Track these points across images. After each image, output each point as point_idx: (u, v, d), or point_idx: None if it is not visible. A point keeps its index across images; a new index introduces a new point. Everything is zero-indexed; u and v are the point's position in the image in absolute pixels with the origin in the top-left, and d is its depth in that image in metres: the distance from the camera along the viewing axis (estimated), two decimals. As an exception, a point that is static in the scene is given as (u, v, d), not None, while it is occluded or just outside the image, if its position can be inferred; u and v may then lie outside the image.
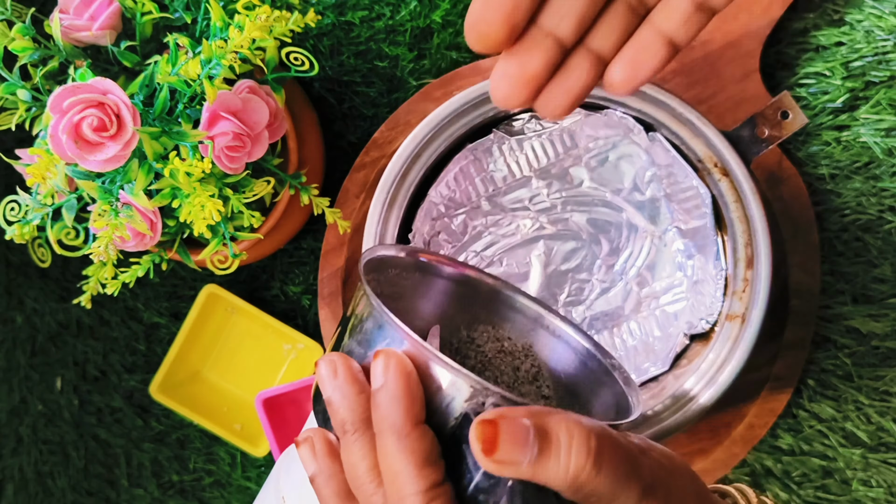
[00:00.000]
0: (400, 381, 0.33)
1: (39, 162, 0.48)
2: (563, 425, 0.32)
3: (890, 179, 0.63)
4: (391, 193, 0.57)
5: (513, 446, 0.31)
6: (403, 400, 0.33)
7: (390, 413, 0.33)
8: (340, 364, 0.36)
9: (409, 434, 0.33)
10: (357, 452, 0.35)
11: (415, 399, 0.33)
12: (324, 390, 0.36)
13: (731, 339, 0.55)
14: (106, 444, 0.70)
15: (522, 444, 0.31)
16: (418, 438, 0.33)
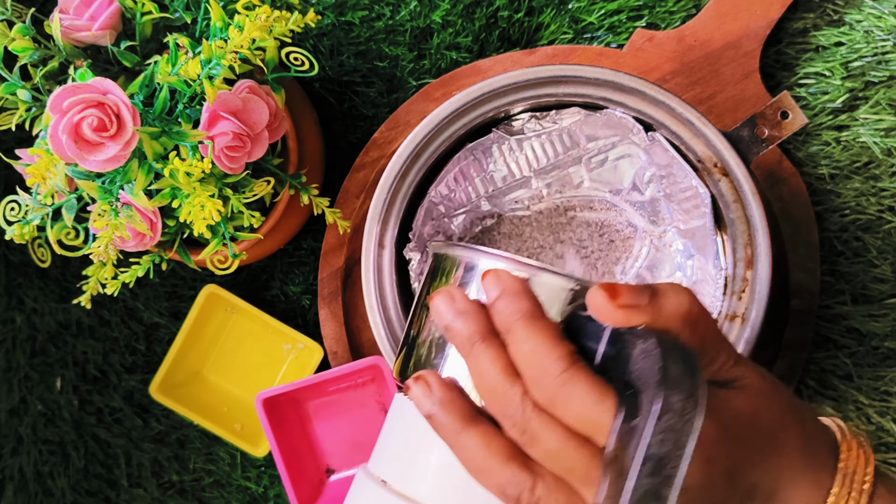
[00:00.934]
0: (517, 283, 0.36)
1: (39, 162, 0.48)
2: (664, 284, 0.35)
3: (889, 179, 0.63)
4: (391, 193, 0.57)
5: (630, 291, 0.34)
6: (524, 295, 0.36)
7: (518, 306, 0.35)
8: (455, 291, 0.37)
9: (540, 318, 0.35)
10: (487, 358, 0.36)
11: (534, 296, 0.36)
12: (443, 318, 0.37)
13: (730, 339, 0.55)
14: (106, 444, 0.70)
15: (638, 291, 0.34)
16: (547, 322, 0.35)
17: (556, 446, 0.34)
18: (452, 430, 0.36)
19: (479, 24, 0.65)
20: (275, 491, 0.68)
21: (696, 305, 0.35)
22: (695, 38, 0.62)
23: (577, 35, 0.65)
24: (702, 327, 0.35)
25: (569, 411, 0.33)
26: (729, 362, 0.36)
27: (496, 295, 0.36)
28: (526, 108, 0.59)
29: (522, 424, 0.34)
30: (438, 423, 0.37)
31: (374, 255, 0.57)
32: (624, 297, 0.34)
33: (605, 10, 0.64)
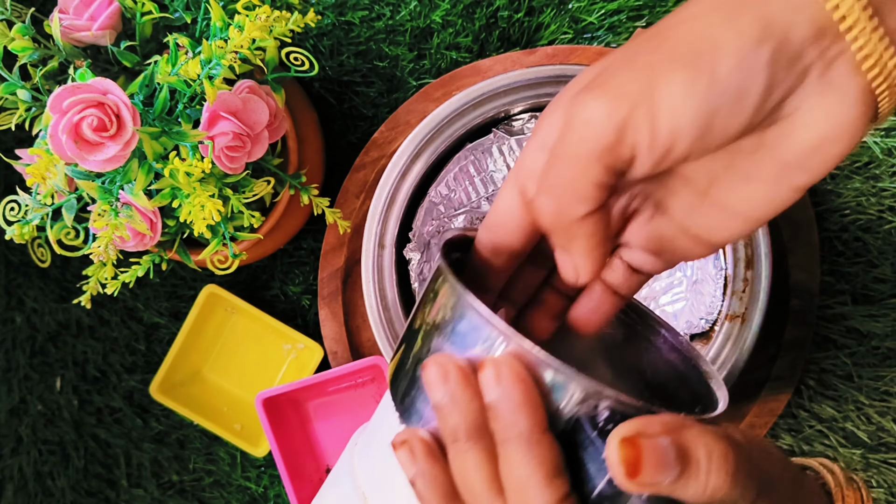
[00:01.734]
0: (519, 388, 0.32)
1: (39, 162, 0.48)
2: (701, 443, 0.31)
3: (890, 179, 0.63)
4: (391, 193, 0.57)
5: (656, 469, 0.30)
6: (527, 407, 0.32)
7: (516, 421, 0.32)
8: (452, 368, 0.33)
9: (538, 442, 0.32)
10: (472, 461, 0.33)
11: (538, 406, 0.32)
12: (433, 395, 0.34)
13: (730, 339, 0.55)
14: (106, 444, 0.70)
15: (665, 466, 0.30)
16: (547, 447, 0.32)
17: None
18: (429, 501, 0.35)
19: (479, 24, 0.65)
20: (275, 491, 0.68)
21: (725, 488, 0.31)
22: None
23: (577, 35, 0.65)
24: (720, 499, 0.31)
25: None
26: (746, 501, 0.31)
27: (495, 395, 0.32)
28: (526, 108, 0.59)
29: None
30: (419, 491, 0.35)
31: (374, 255, 0.57)
32: (644, 475, 0.30)
33: (605, 10, 0.64)
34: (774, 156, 0.32)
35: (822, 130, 0.31)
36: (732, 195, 0.33)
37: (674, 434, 0.30)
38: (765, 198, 0.33)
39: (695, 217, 0.35)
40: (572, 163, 0.31)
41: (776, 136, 0.31)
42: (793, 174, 0.32)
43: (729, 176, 0.33)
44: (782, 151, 0.31)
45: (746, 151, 0.32)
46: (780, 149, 0.31)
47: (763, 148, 0.32)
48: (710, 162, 0.33)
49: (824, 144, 0.31)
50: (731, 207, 0.34)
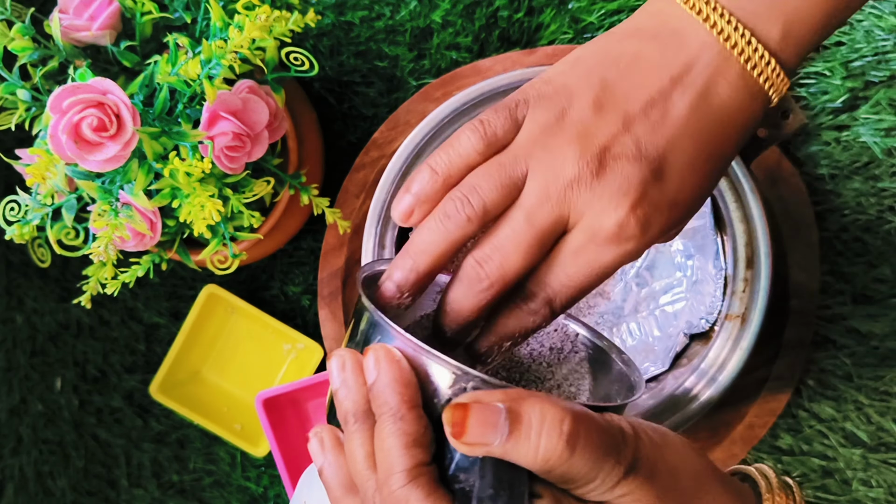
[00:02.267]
0: (392, 369, 0.34)
1: (39, 162, 0.48)
2: (536, 407, 0.32)
3: (889, 179, 0.63)
4: (391, 193, 0.57)
5: (482, 428, 0.32)
6: (397, 385, 0.34)
7: (387, 398, 0.34)
8: (348, 358, 0.36)
9: (403, 416, 0.34)
10: (356, 441, 0.36)
11: (408, 384, 0.34)
12: (332, 383, 0.37)
13: (730, 339, 0.55)
14: (106, 444, 0.70)
15: (492, 426, 0.32)
16: (412, 421, 0.34)
17: None
18: (335, 496, 0.37)
19: (479, 24, 0.65)
20: (275, 491, 0.68)
21: (558, 451, 0.32)
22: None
23: (577, 35, 0.65)
24: (561, 470, 0.32)
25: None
26: (606, 485, 0.33)
27: (373, 377, 0.35)
28: (526, 108, 0.59)
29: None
30: (325, 482, 0.38)
31: (374, 255, 0.57)
32: (470, 434, 0.32)
33: (605, 10, 0.64)
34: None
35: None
36: None
37: (510, 401, 0.32)
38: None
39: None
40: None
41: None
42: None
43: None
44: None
45: None
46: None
47: None
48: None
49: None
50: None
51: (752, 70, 0.37)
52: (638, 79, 0.38)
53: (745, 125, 0.38)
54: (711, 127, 0.38)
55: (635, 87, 0.38)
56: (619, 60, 0.38)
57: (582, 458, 0.32)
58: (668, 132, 0.37)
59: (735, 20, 0.37)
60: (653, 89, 0.38)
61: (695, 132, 0.37)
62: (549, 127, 0.38)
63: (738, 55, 0.37)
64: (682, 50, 0.38)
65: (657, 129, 0.37)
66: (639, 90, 0.38)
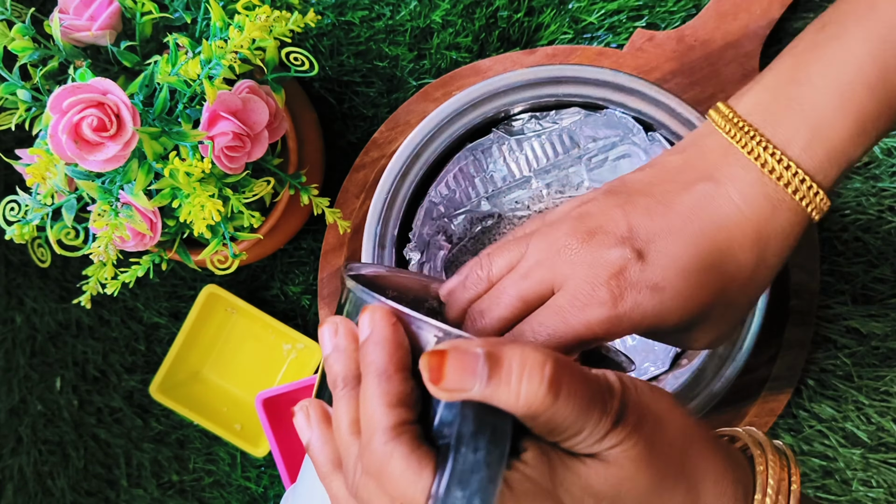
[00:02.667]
0: (386, 328, 0.34)
1: (39, 162, 0.48)
2: (517, 351, 0.31)
3: (890, 179, 0.63)
4: (391, 193, 0.57)
5: (460, 373, 0.31)
6: (388, 344, 0.34)
7: (375, 357, 0.34)
8: (342, 323, 0.36)
9: (390, 377, 0.33)
10: (344, 406, 0.35)
11: (399, 345, 0.34)
12: (323, 349, 0.36)
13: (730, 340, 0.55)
14: (106, 444, 0.70)
15: (470, 370, 0.31)
16: (399, 382, 0.33)
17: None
18: (322, 471, 0.36)
19: (479, 24, 0.65)
20: (275, 491, 0.68)
21: (540, 396, 0.31)
22: (695, 38, 0.62)
23: (577, 35, 0.65)
24: (545, 417, 0.31)
25: (388, 486, 0.32)
26: (594, 436, 0.32)
27: (365, 336, 0.35)
28: (526, 108, 0.59)
29: (353, 489, 0.34)
30: (313, 458, 0.37)
31: (374, 255, 0.57)
32: (448, 379, 0.31)
33: (605, 10, 0.64)
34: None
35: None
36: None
37: (490, 346, 0.32)
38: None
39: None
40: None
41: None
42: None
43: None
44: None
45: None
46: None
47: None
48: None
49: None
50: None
51: (779, 181, 0.39)
52: (652, 177, 0.41)
53: (768, 236, 0.40)
54: (712, 229, 0.39)
55: (646, 183, 0.41)
56: (646, 168, 0.42)
57: (567, 406, 0.31)
58: (663, 219, 0.39)
59: (766, 141, 0.39)
60: (662, 185, 0.40)
61: (692, 227, 0.39)
62: (558, 219, 0.42)
63: (768, 173, 0.39)
64: (703, 159, 0.40)
65: (653, 215, 0.39)
66: (648, 185, 0.41)
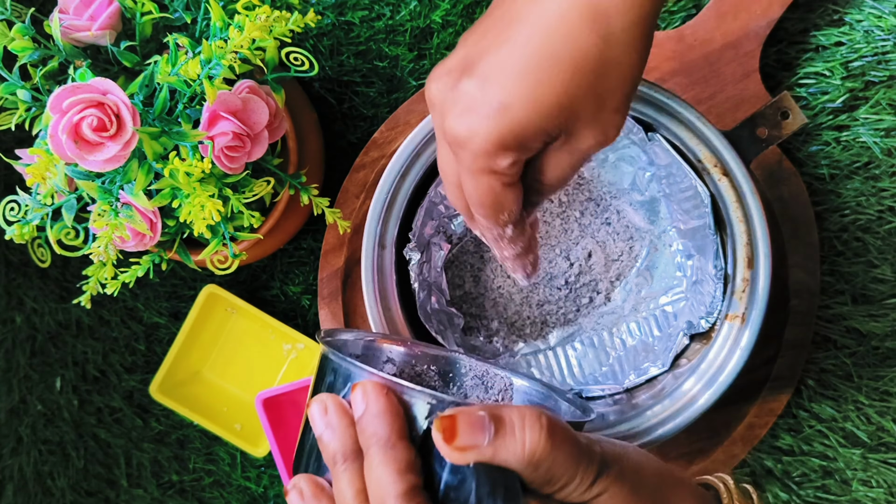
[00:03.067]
0: (381, 400, 0.36)
1: (39, 162, 0.48)
2: (514, 411, 0.35)
3: (889, 179, 0.63)
4: (391, 193, 0.57)
5: (470, 430, 0.34)
6: (386, 416, 0.36)
7: (376, 429, 0.35)
8: (330, 401, 0.38)
9: (394, 445, 0.35)
10: (346, 480, 0.36)
11: (398, 414, 0.36)
12: (315, 429, 0.38)
13: (730, 339, 0.55)
14: (106, 444, 0.70)
15: (479, 428, 0.34)
16: (403, 449, 0.35)
17: None
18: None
19: (479, 24, 0.65)
20: (275, 491, 0.68)
21: (542, 443, 0.34)
22: (695, 38, 0.62)
23: (577, 35, 0.65)
24: (546, 464, 0.35)
25: None
26: (584, 484, 0.36)
27: (360, 412, 0.36)
28: (526, 108, 0.58)
29: None
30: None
31: (374, 255, 0.57)
32: (461, 438, 0.34)
33: (605, 10, 0.64)
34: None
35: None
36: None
37: (489, 409, 0.35)
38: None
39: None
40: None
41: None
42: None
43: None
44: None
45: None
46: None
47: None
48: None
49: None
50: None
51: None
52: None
53: (606, 12, 0.38)
54: (537, 23, 0.38)
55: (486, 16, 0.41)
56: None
57: (562, 453, 0.35)
58: (493, 34, 0.39)
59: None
60: (498, 9, 0.40)
61: (520, 29, 0.38)
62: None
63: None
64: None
65: (486, 34, 0.39)
66: (487, 15, 0.41)
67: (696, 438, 0.62)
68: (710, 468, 0.62)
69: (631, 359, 0.60)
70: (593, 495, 0.36)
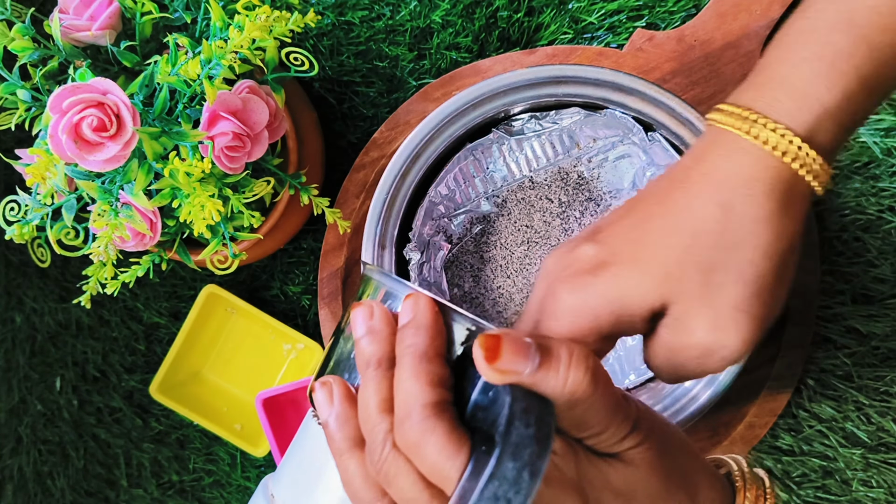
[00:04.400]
0: (429, 314, 0.35)
1: (39, 162, 0.48)
2: (563, 345, 0.34)
3: (889, 179, 0.63)
4: (391, 193, 0.57)
5: (515, 355, 0.32)
6: (430, 330, 0.35)
7: (416, 340, 0.34)
8: (377, 307, 0.37)
9: (430, 359, 0.34)
10: (373, 386, 0.35)
11: (440, 332, 0.35)
12: (356, 331, 0.36)
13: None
14: (106, 444, 0.70)
15: (524, 354, 0.32)
16: (438, 365, 0.34)
17: (409, 494, 0.33)
18: (339, 447, 0.36)
19: (479, 24, 0.65)
20: (275, 491, 0.68)
21: (584, 385, 0.33)
22: (695, 38, 0.62)
23: (577, 35, 0.65)
24: (584, 407, 0.33)
25: (423, 461, 0.33)
26: (617, 436, 0.35)
27: (406, 321, 0.35)
28: (526, 108, 0.59)
29: (379, 464, 0.34)
30: (330, 434, 0.37)
31: (375, 255, 0.57)
32: (503, 361, 0.32)
33: (605, 10, 0.64)
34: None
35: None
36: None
37: (538, 338, 0.34)
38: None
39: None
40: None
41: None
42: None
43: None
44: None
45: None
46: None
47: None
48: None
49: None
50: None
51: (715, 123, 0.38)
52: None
53: (727, 182, 0.37)
54: (657, 191, 0.39)
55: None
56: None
57: (602, 399, 0.33)
58: (625, 210, 0.40)
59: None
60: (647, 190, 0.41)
61: (644, 202, 0.39)
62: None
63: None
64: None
65: (620, 212, 0.40)
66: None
67: (696, 438, 0.62)
68: (710, 468, 0.62)
69: (631, 359, 0.60)
70: (623, 448, 0.35)
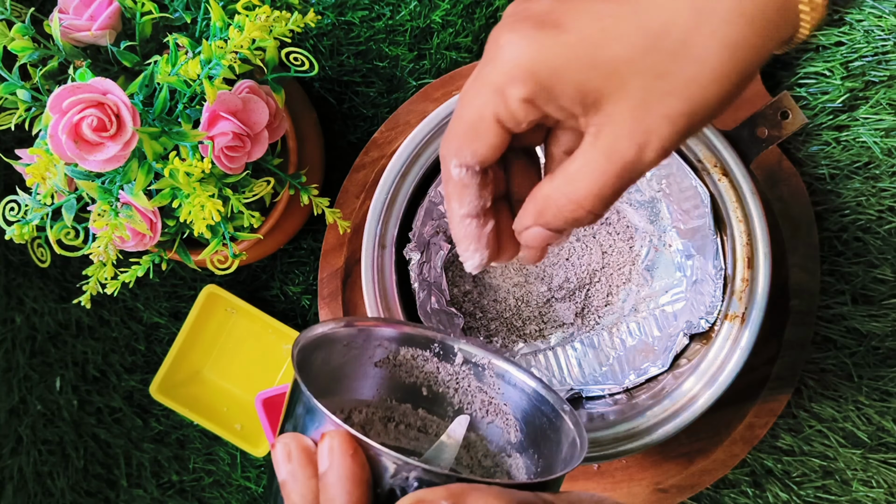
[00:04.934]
0: (346, 462, 0.35)
1: (39, 162, 0.48)
2: (480, 501, 0.33)
3: (889, 179, 0.63)
4: (391, 193, 0.57)
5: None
6: (350, 482, 0.34)
7: (338, 494, 0.34)
8: (294, 447, 0.36)
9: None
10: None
11: (360, 481, 0.35)
12: (278, 473, 0.37)
13: (730, 339, 0.55)
14: (106, 444, 0.70)
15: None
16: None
17: None
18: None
19: (479, 24, 0.65)
20: (275, 491, 0.68)
21: None
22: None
23: (577, 35, 0.65)
24: None
25: None
26: None
27: (325, 468, 0.35)
28: (526, 108, 0.58)
29: None
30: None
31: (375, 255, 0.57)
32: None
33: (605, 10, 0.64)
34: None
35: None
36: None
37: (454, 497, 0.33)
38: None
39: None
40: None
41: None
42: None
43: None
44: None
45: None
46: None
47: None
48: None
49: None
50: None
51: None
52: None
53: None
54: None
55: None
56: None
57: None
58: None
59: None
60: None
61: None
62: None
63: None
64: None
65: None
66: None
67: (696, 438, 0.62)
68: (710, 468, 0.62)
69: (631, 359, 0.60)
70: None
